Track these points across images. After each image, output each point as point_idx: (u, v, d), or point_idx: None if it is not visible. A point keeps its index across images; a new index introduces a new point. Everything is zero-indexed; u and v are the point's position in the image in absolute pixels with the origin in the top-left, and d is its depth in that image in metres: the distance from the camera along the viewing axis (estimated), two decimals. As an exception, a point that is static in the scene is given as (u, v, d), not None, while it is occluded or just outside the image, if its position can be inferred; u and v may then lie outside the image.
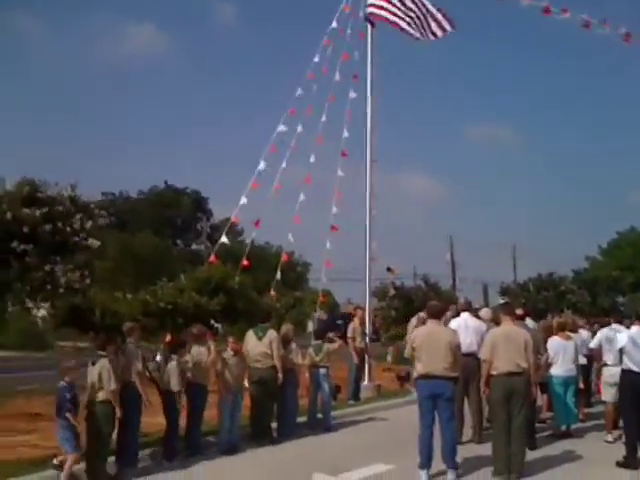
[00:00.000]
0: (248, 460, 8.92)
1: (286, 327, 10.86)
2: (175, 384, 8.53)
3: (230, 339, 9.74)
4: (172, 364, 8.58)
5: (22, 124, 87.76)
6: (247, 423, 9.96)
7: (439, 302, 9.61)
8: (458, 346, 8.03)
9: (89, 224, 12.00)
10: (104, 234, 13.47)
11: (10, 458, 8.08)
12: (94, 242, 12.00)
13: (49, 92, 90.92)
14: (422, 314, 13.12)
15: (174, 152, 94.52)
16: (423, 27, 15.39)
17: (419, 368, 7.89)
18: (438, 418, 7.79)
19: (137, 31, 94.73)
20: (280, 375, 9.84)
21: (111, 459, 7.92)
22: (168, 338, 9.08)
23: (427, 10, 15.39)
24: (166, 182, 65.88)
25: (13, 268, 11.98)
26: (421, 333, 8.10)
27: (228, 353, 9.49)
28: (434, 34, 15.36)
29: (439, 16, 15.34)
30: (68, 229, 11.79)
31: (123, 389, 7.83)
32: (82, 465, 7.50)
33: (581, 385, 10.98)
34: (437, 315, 8.22)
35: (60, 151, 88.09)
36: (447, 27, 15.37)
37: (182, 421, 8.87)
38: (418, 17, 15.38)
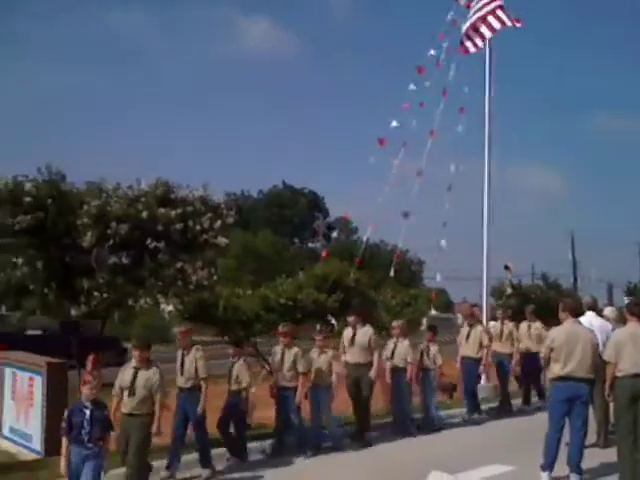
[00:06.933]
0: (350, 460, 8.96)
1: (397, 322, 10.83)
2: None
3: (317, 337, 9.63)
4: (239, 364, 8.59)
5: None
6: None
7: (573, 299, 9.17)
8: (597, 346, 7.77)
9: (218, 223, 12.65)
10: (230, 233, 14.18)
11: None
12: (222, 240, 12.63)
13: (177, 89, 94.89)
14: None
15: (290, 150, 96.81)
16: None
17: (557, 369, 7.65)
18: (569, 422, 7.60)
19: (251, 25, 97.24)
20: (372, 373, 9.74)
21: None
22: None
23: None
24: (284, 182, 68.09)
25: (146, 265, 12.81)
26: (560, 333, 7.80)
27: (314, 351, 9.44)
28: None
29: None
30: (197, 227, 12.51)
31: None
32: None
33: None
34: (577, 313, 7.90)
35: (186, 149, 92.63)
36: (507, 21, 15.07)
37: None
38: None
